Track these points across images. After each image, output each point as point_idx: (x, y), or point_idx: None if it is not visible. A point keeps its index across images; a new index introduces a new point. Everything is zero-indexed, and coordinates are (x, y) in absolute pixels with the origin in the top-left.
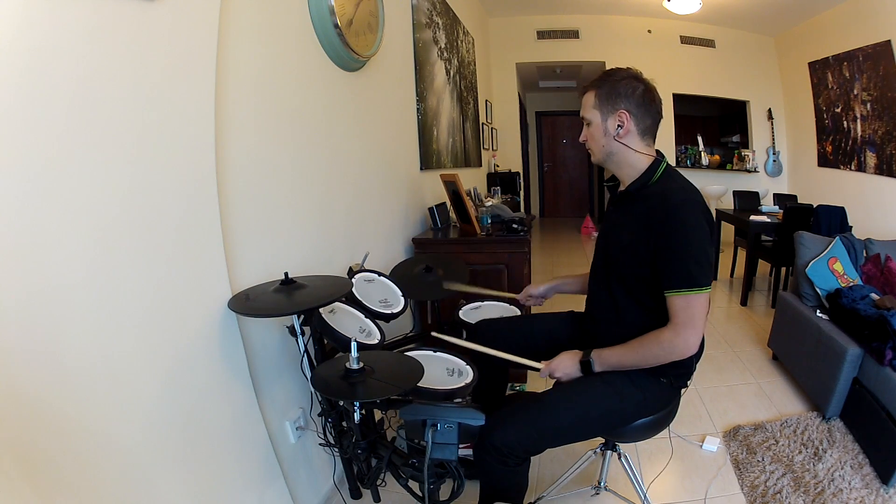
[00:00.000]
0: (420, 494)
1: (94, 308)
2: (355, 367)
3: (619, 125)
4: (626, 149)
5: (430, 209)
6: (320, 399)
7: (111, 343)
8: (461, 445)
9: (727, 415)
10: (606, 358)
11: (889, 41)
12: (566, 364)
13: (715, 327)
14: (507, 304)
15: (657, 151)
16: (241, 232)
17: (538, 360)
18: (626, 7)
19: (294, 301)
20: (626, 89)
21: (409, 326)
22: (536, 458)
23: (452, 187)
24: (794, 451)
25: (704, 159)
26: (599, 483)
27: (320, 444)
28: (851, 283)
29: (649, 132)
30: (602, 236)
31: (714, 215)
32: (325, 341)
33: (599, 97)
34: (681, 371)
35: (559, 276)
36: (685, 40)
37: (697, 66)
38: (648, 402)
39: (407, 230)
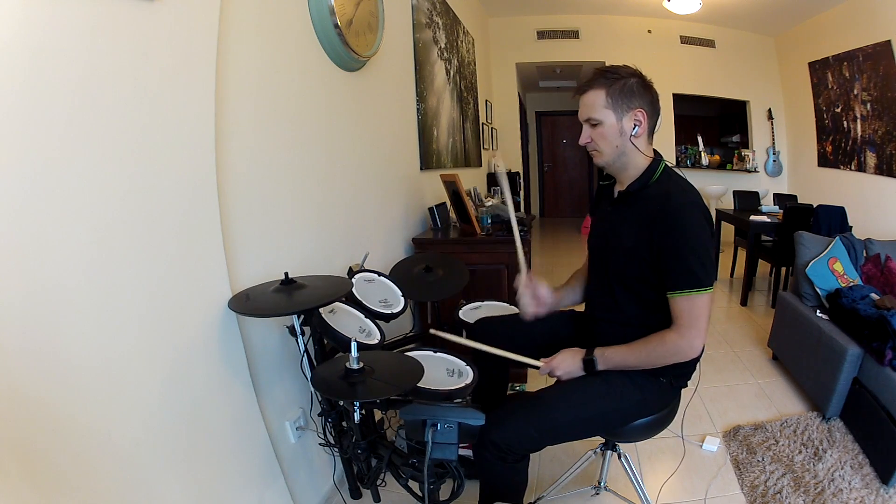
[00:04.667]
0: (420, 494)
1: (94, 308)
2: (355, 367)
3: (635, 124)
4: (636, 150)
5: (430, 209)
6: (320, 399)
7: (111, 343)
8: (461, 445)
9: (727, 415)
10: (610, 357)
11: (889, 41)
12: (568, 362)
13: (715, 327)
14: (506, 304)
15: (655, 151)
16: (241, 232)
17: (538, 359)
18: (626, 7)
19: (294, 301)
20: (639, 87)
21: (409, 326)
22: (536, 457)
23: (452, 187)
24: (794, 451)
25: (704, 159)
26: (599, 483)
27: (320, 444)
28: (851, 283)
29: (653, 131)
30: (599, 236)
31: (714, 215)
32: (325, 341)
33: (612, 96)
34: (681, 371)
35: (558, 288)
36: (685, 40)
37: (697, 66)
38: (648, 401)
39: (407, 230)
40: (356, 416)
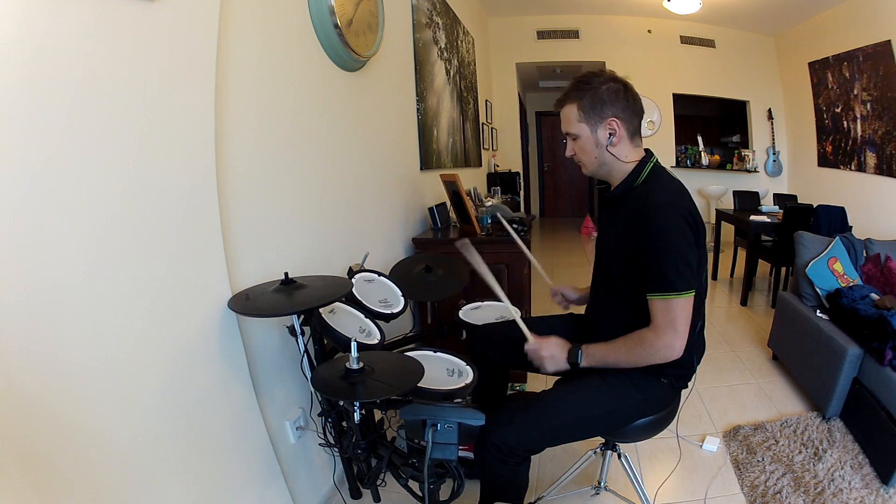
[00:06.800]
0: (420, 494)
1: (94, 308)
2: (355, 367)
3: (610, 133)
4: (615, 158)
5: (430, 209)
6: (320, 399)
7: (111, 343)
8: (461, 447)
9: (727, 415)
10: (593, 352)
11: (889, 41)
12: (554, 347)
13: (715, 327)
14: (506, 304)
15: (646, 150)
16: (241, 232)
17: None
18: (626, 7)
19: (294, 301)
20: (610, 95)
21: (409, 326)
22: (536, 458)
23: (452, 187)
24: (794, 451)
25: (704, 159)
26: (599, 483)
27: (320, 444)
28: (851, 283)
29: (637, 132)
30: (597, 239)
31: (714, 215)
32: (325, 341)
33: (583, 109)
34: (681, 371)
35: (581, 289)
36: (685, 40)
37: (697, 66)
38: (648, 402)
39: (407, 230)
40: (356, 416)
